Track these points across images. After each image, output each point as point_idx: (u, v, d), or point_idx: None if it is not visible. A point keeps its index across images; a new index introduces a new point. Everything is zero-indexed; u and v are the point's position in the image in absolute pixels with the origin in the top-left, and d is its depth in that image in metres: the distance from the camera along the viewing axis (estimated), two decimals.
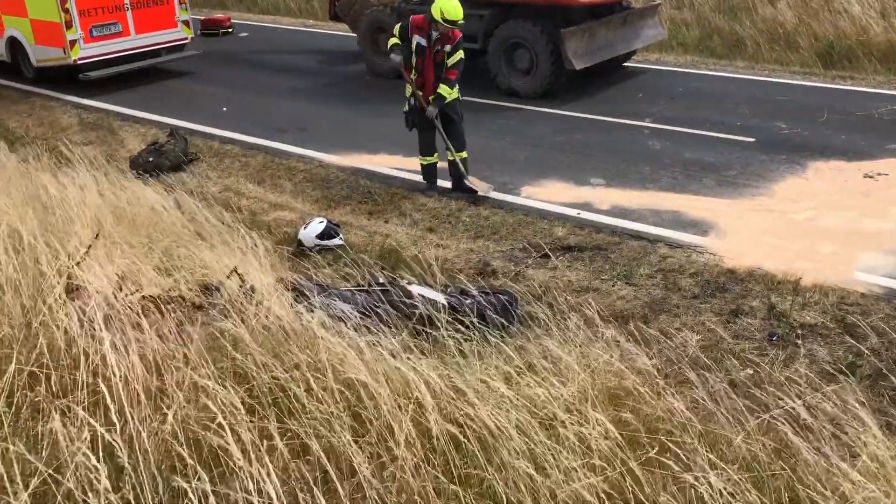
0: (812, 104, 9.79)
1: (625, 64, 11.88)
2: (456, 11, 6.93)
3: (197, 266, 5.18)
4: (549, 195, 7.51)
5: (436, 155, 7.53)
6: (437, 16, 6.93)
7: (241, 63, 13.49)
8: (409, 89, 7.31)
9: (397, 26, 7.30)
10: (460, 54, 7.22)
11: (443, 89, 7.23)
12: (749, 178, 7.68)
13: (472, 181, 7.45)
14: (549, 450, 3.45)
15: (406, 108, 7.42)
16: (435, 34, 7.05)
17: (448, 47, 7.10)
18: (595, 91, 10.79)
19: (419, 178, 8.09)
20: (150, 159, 8.55)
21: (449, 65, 7.20)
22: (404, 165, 8.46)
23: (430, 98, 7.26)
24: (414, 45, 7.12)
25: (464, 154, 7.55)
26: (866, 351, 4.84)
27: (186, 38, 12.62)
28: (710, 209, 7.03)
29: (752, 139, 8.71)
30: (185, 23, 12.53)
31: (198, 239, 5.68)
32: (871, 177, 7.52)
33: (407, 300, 4.81)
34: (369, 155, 8.79)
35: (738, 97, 10.26)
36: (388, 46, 7.36)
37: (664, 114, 9.75)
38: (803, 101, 9.97)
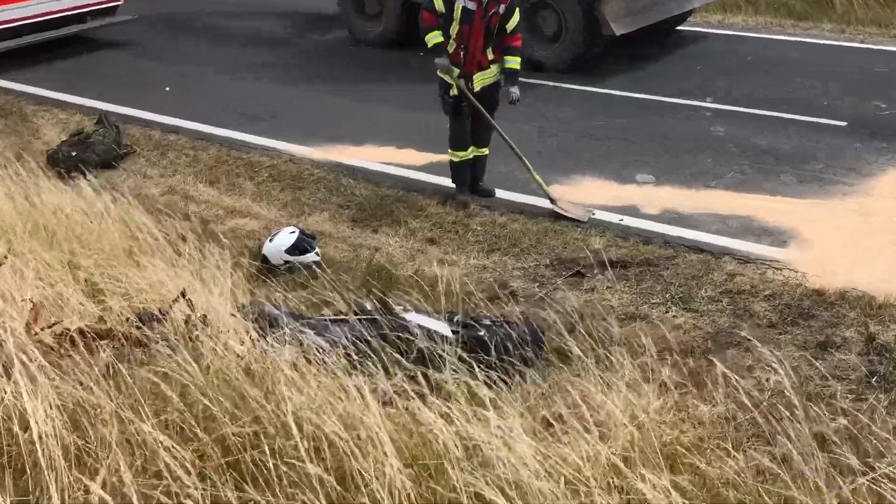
0: None
1: (678, 28, 11.91)
2: None
3: (134, 290, 5.18)
4: (584, 196, 7.52)
5: (470, 149, 7.53)
6: None
7: (190, 30, 13.54)
8: (443, 64, 7.28)
9: None
10: (518, 15, 7.27)
11: (513, 61, 7.29)
12: (839, 172, 7.70)
13: (563, 205, 7.31)
14: None
15: (450, 91, 7.36)
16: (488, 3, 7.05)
17: (502, 8, 7.12)
18: (641, 63, 10.83)
19: (417, 174, 8.12)
20: (74, 153, 8.56)
21: (509, 30, 7.23)
22: (397, 159, 8.49)
23: (476, 76, 7.30)
24: (458, 11, 7.08)
25: (485, 150, 7.62)
26: None
27: (118, 0, 12.68)
28: (789, 212, 7.04)
29: (842, 123, 8.73)
30: None
31: (135, 256, 5.69)
32: None
33: (402, 332, 4.79)
34: (353, 147, 8.82)
35: (824, 69, 10.29)
36: (427, 35, 7.30)
37: (730, 91, 9.78)
38: None
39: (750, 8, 13.17)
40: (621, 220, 7.08)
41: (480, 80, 7.36)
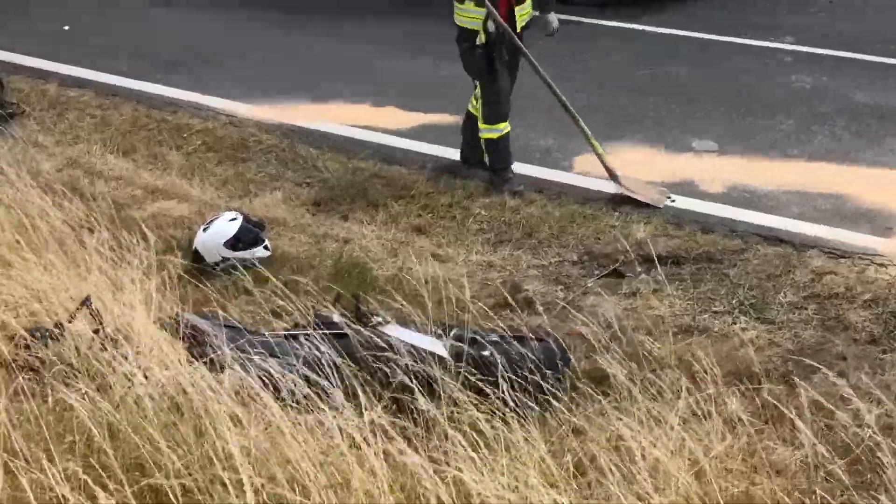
0: None
1: None
2: None
3: (23, 297, 5.17)
4: (624, 169, 7.49)
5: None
6: None
7: None
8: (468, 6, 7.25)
9: None
10: None
11: None
12: None
13: (630, 185, 7.26)
14: None
15: (481, 39, 7.33)
16: None
17: None
18: None
19: (401, 141, 8.11)
20: None
21: None
22: (375, 120, 8.50)
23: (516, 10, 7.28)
24: None
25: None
26: None
27: None
28: None
29: None
30: None
31: (23, 252, 5.68)
32: None
33: (379, 351, 4.80)
34: (314, 104, 8.85)
35: None
36: None
37: (817, 28, 9.84)
38: None
39: None
40: (672, 200, 7.09)
41: (521, 15, 7.33)
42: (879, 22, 9.85)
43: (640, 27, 10.12)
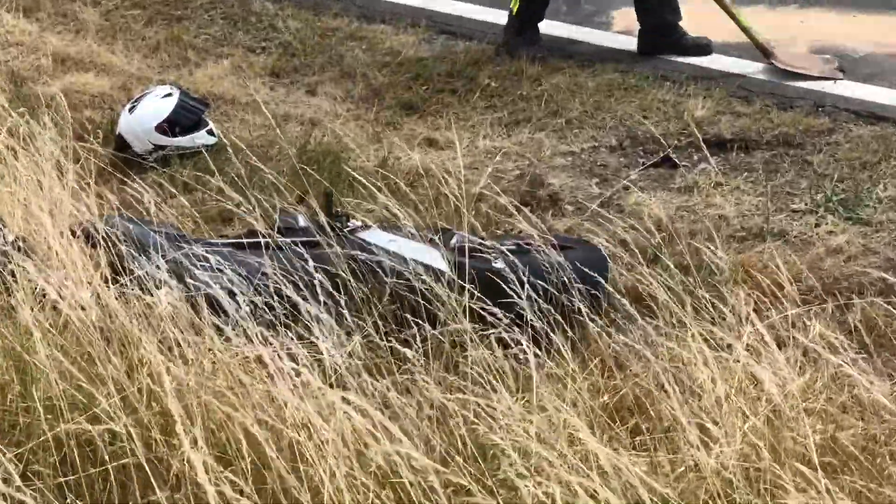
0: None
1: None
2: None
3: None
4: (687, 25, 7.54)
5: None
6: None
7: None
8: None
9: None
10: None
11: None
12: None
13: (787, 58, 7.25)
14: None
15: None
16: None
17: None
18: None
19: None
20: None
21: None
22: None
23: None
24: None
25: None
26: None
27: None
28: None
29: None
30: None
31: None
32: None
33: (361, 260, 4.84)
34: None
35: None
36: None
37: None
38: None
39: None
40: (843, 72, 7.10)
41: None
42: None
43: None
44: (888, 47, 7.23)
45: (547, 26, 7.64)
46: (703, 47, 7.28)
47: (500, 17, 7.74)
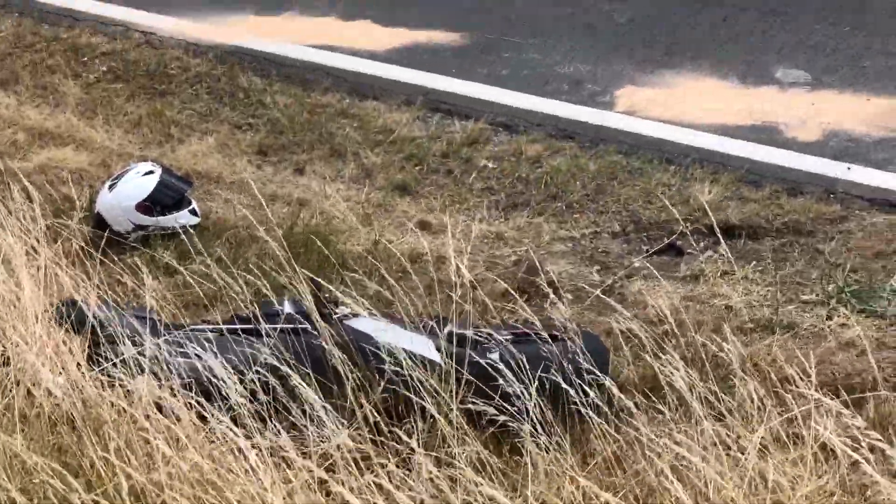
0: None
1: None
2: None
3: None
4: (682, 107, 7.62)
5: None
6: None
7: None
8: None
9: None
10: None
11: None
12: None
13: None
14: None
15: None
16: None
17: None
18: None
19: (376, 67, 8.14)
20: None
21: None
22: (341, 39, 8.57)
23: None
24: None
25: None
26: None
27: None
28: None
29: None
30: None
31: None
32: None
33: (349, 349, 4.84)
34: (259, 16, 8.94)
35: None
36: None
37: None
38: None
39: None
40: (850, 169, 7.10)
41: None
42: None
43: None
44: None
45: (548, 106, 7.69)
46: None
47: (500, 95, 7.79)
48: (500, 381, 4.76)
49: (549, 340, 5.21)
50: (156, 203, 6.58)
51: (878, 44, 8.19)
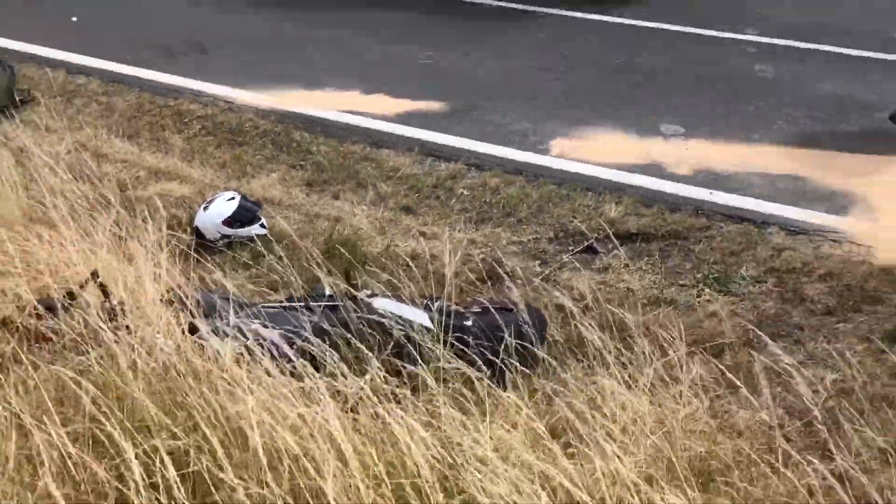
0: None
1: None
2: None
3: (35, 270, 5.17)
4: (597, 152, 7.57)
5: None
6: None
7: None
8: None
9: None
10: None
11: None
12: None
13: None
14: None
15: None
16: None
17: None
18: None
19: (388, 126, 8.13)
20: None
21: None
22: (364, 107, 8.49)
23: None
24: None
25: None
26: None
27: None
28: (851, 172, 7.09)
29: None
30: None
31: (37, 227, 5.67)
32: None
33: (370, 321, 4.82)
34: (307, 91, 8.83)
35: None
36: None
37: (780, 20, 9.85)
38: None
39: None
40: (712, 194, 7.09)
41: None
42: (836, 15, 9.87)
43: (611, 18, 10.13)
44: (750, 167, 7.25)
45: (504, 152, 7.67)
46: None
47: (472, 145, 7.78)
48: (471, 340, 4.79)
49: (506, 311, 5.23)
50: (236, 219, 6.56)
51: (729, 108, 8.20)
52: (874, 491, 3.85)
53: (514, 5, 10.56)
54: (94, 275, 4.76)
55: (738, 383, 4.54)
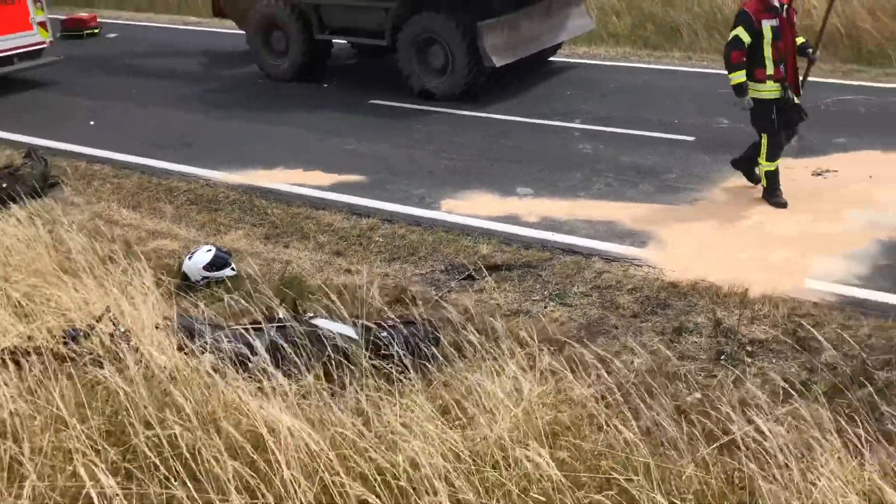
0: None
1: (550, 59, 12.13)
2: None
3: (63, 309, 5.03)
4: (473, 208, 7.60)
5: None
6: None
7: (112, 69, 13.21)
8: (748, 102, 6.99)
9: (739, 27, 6.81)
10: None
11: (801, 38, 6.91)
12: (690, 180, 7.93)
13: None
14: (480, 497, 3.47)
15: (772, 114, 7.03)
16: (783, 5, 6.70)
17: (791, 9, 6.79)
18: (519, 90, 10.99)
19: (324, 194, 8.08)
20: (3, 185, 8.26)
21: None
22: (306, 180, 8.45)
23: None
24: (768, 31, 6.72)
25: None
26: (821, 365, 5.04)
27: (44, 42, 12.30)
28: (648, 217, 7.23)
29: (691, 138, 9.00)
30: (42, 24, 12.22)
31: (64, 277, 5.52)
32: (819, 174, 7.85)
33: (311, 336, 4.76)
34: (265, 170, 8.75)
35: (675, 91, 10.62)
36: (734, 73, 6.89)
37: (596, 113, 10.00)
38: None
39: (611, 40, 13.49)
40: (553, 235, 7.12)
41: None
42: (634, 109, 10.09)
43: (481, 114, 10.23)
44: (578, 216, 7.34)
45: (408, 209, 7.65)
46: None
47: (385, 205, 7.75)
48: (386, 346, 4.77)
49: (411, 324, 5.22)
50: (213, 265, 6.48)
51: (563, 175, 8.26)
52: (668, 443, 3.93)
53: (412, 105, 10.60)
54: (107, 310, 4.65)
55: (575, 368, 4.61)
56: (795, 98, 7.05)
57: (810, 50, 7.12)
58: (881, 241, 6.58)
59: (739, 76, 6.99)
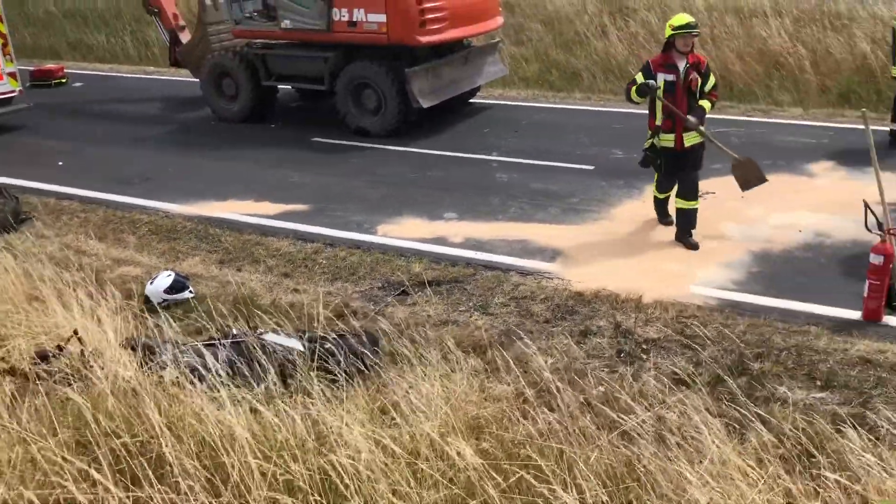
0: (643, 130, 10.43)
1: (470, 100, 12.26)
2: (682, 17, 6.70)
3: (33, 332, 4.86)
4: (405, 232, 7.60)
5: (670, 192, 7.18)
6: (668, 34, 6.67)
7: (78, 114, 12.86)
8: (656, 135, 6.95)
9: (639, 73, 6.82)
10: (714, 79, 6.92)
11: (705, 104, 6.85)
12: (591, 203, 8.07)
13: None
14: (412, 488, 3.46)
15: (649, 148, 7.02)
16: (684, 65, 6.72)
17: (699, 74, 6.77)
18: (444, 128, 11.05)
19: (271, 222, 8.00)
20: None
21: (707, 90, 6.87)
22: (255, 210, 8.34)
23: (684, 136, 6.83)
24: (662, 85, 6.75)
25: (695, 204, 7.12)
26: (705, 359, 5.17)
27: (14, 91, 11.91)
28: (556, 236, 7.32)
29: (591, 167, 9.17)
30: (12, 75, 11.84)
31: (35, 303, 5.34)
32: (701, 196, 8.06)
33: (262, 350, 4.69)
34: (218, 202, 8.60)
35: (576, 127, 10.81)
36: (635, 89, 6.77)
37: (510, 147, 10.11)
38: (636, 127, 10.59)
39: (522, 83, 13.70)
40: (476, 253, 7.14)
41: (690, 140, 6.89)
42: (543, 143, 10.25)
43: (410, 149, 10.26)
44: (497, 236, 7.37)
45: (346, 234, 7.58)
46: None
47: (327, 231, 7.68)
48: (330, 357, 4.72)
49: (353, 336, 5.18)
50: (172, 288, 6.34)
51: (483, 201, 8.33)
52: (576, 432, 3.97)
53: (349, 142, 10.57)
54: (75, 332, 4.51)
55: (497, 368, 4.64)
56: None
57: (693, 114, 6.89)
58: (753, 251, 6.81)
59: (635, 89, 6.86)
